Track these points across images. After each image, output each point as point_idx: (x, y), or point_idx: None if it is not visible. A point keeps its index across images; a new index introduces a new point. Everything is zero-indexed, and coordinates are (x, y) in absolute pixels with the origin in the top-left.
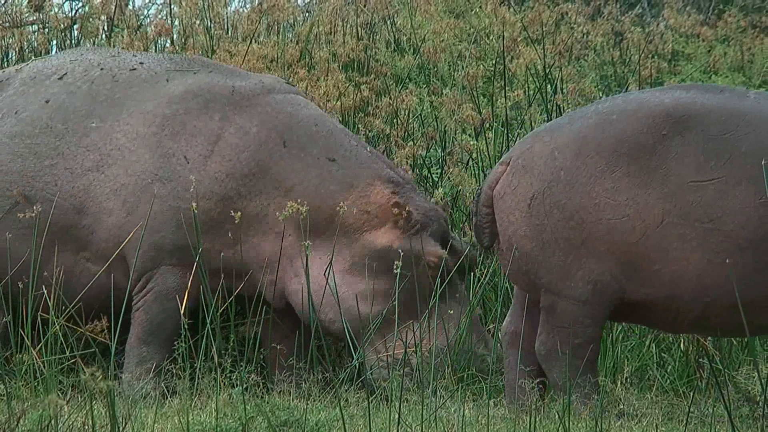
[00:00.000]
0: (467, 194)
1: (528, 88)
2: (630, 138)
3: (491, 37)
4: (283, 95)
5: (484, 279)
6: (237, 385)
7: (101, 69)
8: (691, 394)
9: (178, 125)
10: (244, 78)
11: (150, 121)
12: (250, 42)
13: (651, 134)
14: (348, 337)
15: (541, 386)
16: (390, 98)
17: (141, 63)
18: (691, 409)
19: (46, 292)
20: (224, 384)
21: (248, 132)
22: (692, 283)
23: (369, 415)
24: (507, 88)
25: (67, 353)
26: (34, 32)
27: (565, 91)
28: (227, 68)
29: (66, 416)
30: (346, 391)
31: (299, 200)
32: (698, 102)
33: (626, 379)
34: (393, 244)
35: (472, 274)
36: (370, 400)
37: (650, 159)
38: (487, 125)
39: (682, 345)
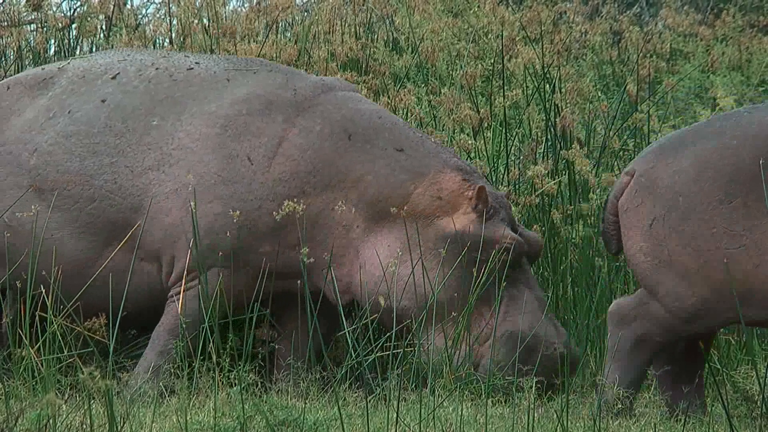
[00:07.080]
0: None
1: (526, 87)
2: (747, 166)
3: (489, 37)
4: (343, 92)
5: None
6: (235, 384)
7: (156, 69)
8: None
9: (241, 126)
10: (304, 79)
11: (213, 121)
12: (249, 41)
13: None
14: (418, 324)
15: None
16: (388, 97)
17: (197, 63)
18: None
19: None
20: (222, 383)
21: (312, 130)
22: None
23: (367, 414)
24: (505, 88)
25: (66, 352)
26: (32, 32)
27: (563, 90)
28: (286, 69)
29: (64, 415)
30: (344, 390)
31: (369, 190)
32: None
33: None
34: (467, 229)
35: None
36: (368, 399)
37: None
38: (486, 125)
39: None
